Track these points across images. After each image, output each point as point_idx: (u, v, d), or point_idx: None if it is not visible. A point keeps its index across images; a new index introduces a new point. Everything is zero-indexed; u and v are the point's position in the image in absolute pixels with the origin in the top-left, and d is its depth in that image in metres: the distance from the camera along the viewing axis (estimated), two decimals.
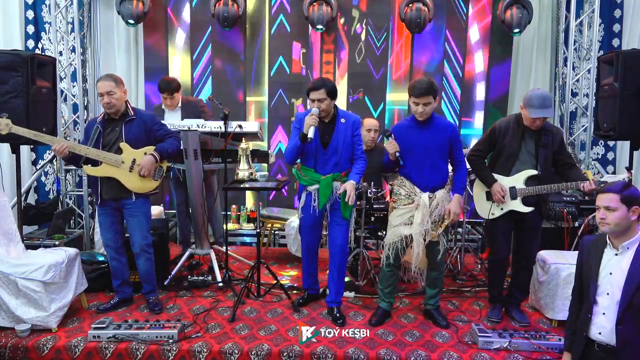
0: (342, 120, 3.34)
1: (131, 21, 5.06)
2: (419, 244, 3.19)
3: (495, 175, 3.32)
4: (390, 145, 3.20)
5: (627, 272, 2.25)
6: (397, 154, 3.19)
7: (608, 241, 2.35)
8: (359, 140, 3.38)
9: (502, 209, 3.32)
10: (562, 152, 3.30)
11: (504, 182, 3.29)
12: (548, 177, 3.27)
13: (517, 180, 3.27)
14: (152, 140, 3.45)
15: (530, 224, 3.32)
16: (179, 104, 4.46)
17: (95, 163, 3.35)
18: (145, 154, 3.38)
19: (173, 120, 4.34)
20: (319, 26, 5.06)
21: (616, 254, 2.31)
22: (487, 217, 3.38)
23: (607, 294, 2.30)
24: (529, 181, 3.25)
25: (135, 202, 3.43)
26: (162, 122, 3.64)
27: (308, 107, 3.37)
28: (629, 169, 3.84)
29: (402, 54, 5.43)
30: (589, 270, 2.38)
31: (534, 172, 3.24)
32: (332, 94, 3.26)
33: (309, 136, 3.19)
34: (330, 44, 5.42)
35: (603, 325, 2.30)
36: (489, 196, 3.34)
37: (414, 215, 3.20)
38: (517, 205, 3.27)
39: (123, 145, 3.35)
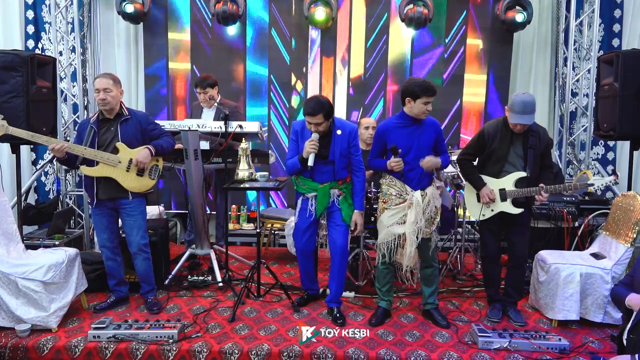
0: (339, 131, 3.31)
1: (130, 10, 5.01)
2: (412, 242, 3.19)
3: (486, 178, 3.35)
4: (397, 165, 3.19)
5: None
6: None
7: None
8: (356, 150, 3.35)
9: (492, 210, 3.34)
10: (545, 154, 3.33)
11: (494, 184, 3.32)
12: (537, 178, 3.29)
13: (507, 182, 3.30)
14: (147, 139, 3.47)
15: (518, 221, 3.34)
16: (216, 103, 4.41)
17: (90, 163, 3.35)
18: None
19: (207, 118, 4.35)
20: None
21: None
22: (478, 218, 3.42)
23: None
24: (519, 183, 3.28)
25: (132, 202, 3.43)
26: (156, 121, 3.65)
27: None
28: (615, 171, 3.85)
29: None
30: None
31: (523, 174, 3.28)
32: (329, 114, 3.22)
33: (309, 164, 3.20)
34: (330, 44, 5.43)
35: None
36: (480, 198, 3.37)
37: (406, 214, 3.21)
38: (507, 207, 3.30)
39: (119, 145, 3.35)
